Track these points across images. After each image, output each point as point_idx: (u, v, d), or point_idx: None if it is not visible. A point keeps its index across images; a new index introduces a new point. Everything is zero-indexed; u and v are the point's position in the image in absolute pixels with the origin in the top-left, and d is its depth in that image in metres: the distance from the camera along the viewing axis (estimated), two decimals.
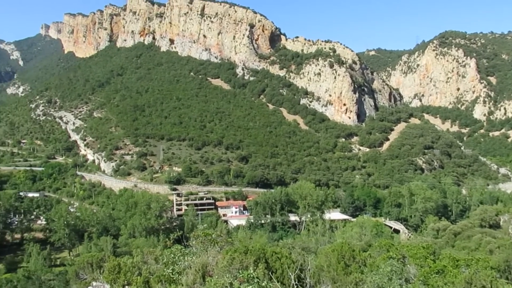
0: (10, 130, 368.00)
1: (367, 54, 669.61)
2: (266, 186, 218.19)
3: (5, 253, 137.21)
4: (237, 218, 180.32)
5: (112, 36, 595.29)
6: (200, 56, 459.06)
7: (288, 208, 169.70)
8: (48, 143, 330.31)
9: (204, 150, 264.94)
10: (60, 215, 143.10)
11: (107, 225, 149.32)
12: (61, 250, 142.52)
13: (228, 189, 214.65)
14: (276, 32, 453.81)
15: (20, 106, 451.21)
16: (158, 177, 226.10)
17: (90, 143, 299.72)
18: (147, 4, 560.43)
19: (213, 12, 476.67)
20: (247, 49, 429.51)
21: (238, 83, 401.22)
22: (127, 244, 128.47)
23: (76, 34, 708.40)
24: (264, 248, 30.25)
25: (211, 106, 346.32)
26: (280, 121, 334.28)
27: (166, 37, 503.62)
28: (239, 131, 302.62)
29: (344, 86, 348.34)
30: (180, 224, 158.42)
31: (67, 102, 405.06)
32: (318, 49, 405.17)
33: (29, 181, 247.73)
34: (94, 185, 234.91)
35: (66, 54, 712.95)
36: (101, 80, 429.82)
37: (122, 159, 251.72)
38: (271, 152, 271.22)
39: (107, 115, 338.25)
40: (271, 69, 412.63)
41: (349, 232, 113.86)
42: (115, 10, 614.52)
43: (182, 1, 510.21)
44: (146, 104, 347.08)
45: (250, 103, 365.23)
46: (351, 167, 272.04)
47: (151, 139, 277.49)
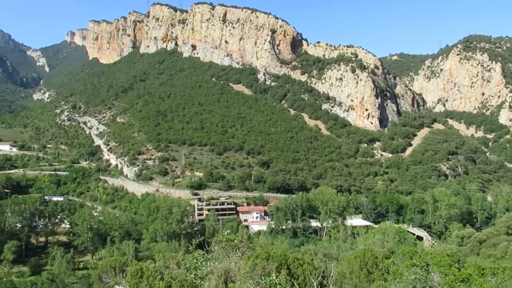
0: (36, 135, 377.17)
1: (390, 59, 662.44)
2: (287, 192, 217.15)
3: (30, 256, 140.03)
4: (258, 223, 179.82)
5: (136, 42, 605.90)
6: (222, 62, 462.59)
7: (309, 213, 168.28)
8: (73, 148, 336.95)
9: (225, 155, 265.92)
10: (84, 219, 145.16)
11: (129, 229, 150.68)
12: (84, 253, 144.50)
13: (249, 194, 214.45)
14: (297, 37, 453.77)
15: (46, 112, 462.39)
16: (179, 182, 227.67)
17: (113, 148, 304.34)
18: (170, 11, 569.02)
19: (235, 18, 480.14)
20: (268, 55, 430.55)
21: (260, 89, 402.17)
22: (149, 249, 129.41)
23: (100, 41, 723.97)
24: (286, 254, 29.96)
25: (232, 111, 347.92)
26: (302, 126, 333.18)
27: (188, 43, 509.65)
28: (260, 136, 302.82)
29: (366, 91, 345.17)
30: (201, 229, 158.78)
31: (91, 108, 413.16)
32: (340, 54, 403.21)
33: (54, 185, 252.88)
34: (117, 190, 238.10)
35: (90, 60, 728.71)
36: (125, 86, 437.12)
37: (144, 164, 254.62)
38: (292, 157, 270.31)
39: (130, 120, 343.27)
40: (293, 74, 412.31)
41: (371, 238, 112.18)
42: (139, 17, 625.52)
43: (205, 7, 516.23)
44: (168, 109, 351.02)
45: (272, 108, 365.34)
46: (373, 173, 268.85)
47: (173, 144, 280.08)
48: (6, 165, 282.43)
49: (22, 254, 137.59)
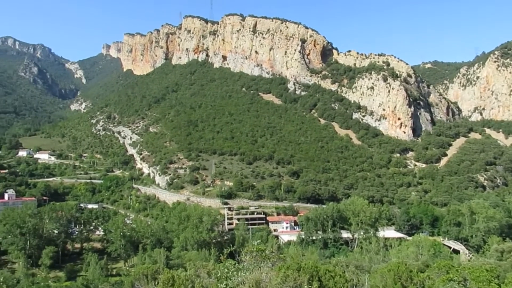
0: (73, 144, 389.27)
1: (423, 67, 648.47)
2: (317, 202, 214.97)
3: (66, 261, 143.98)
4: (288, 233, 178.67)
5: (168, 54, 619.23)
6: (252, 72, 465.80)
7: (340, 224, 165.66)
8: (107, 157, 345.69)
9: (255, 165, 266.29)
10: (117, 226, 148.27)
11: (161, 237, 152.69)
12: (117, 260, 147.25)
13: (279, 204, 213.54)
14: (327, 47, 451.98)
15: (82, 122, 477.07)
16: (210, 191, 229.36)
17: (145, 157, 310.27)
18: (201, 23, 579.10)
19: (265, 29, 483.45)
20: (298, 64, 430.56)
21: (290, 98, 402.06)
22: (180, 257, 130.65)
23: (134, 53, 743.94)
24: (317, 266, 29.60)
25: (262, 121, 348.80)
26: (332, 136, 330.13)
27: (219, 54, 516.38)
28: (290, 146, 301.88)
29: (398, 100, 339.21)
30: (231, 238, 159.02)
31: (125, 118, 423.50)
32: (371, 62, 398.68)
33: (89, 193, 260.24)
34: (149, 198, 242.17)
35: (125, 72, 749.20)
36: (157, 96, 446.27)
37: (175, 173, 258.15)
38: (322, 167, 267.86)
39: (162, 130, 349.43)
40: (323, 83, 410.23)
41: (404, 251, 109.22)
42: (171, 29, 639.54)
43: (235, 18, 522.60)
44: (199, 119, 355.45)
45: (302, 118, 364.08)
46: (406, 184, 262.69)
47: (204, 154, 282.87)
48: (45, 173, 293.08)
49: (58, 260, 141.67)
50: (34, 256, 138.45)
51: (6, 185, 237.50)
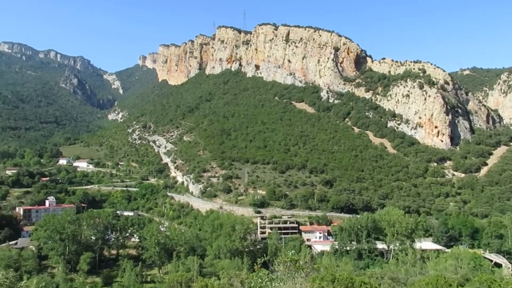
0: (110, 153, 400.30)
1: (461, 73, 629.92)
2: (351, 211, 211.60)
3: (103, 267, 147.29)
4: (321, 243, 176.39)
5: (202, 64, 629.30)
6: (284, 81, 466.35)
7: (375, 235, 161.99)
8: (143, 165, 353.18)
9: (288, 174, 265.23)
10: (152, 233, 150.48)
11: (194, 245, 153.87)
12: (152, 267, 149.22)
13: (312, 214, 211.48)
14: (361, 54, 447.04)
15: (119, 131, 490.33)
16: (242, 200, 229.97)
17: (179, 165, 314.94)
18: (234, 33, 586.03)
19: (297, 37, 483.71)
20: (331, 72, 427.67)
21: (323, 107, 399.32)
22: (213, 265, 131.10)
23: (169, 63, 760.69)
24: (352, 277, 28.99)
25: (295, 130, 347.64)
26: (366, 145, 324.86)
27: (252, 63, 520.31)
28: (323, 155, 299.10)
29: (435, 107, 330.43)
30: (263, 248, 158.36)
31: (160, 127, 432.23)
32: (406, 70, 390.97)
33: (125, 200, 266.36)
34: (183, 206, 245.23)
35: (160, 82, 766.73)
36: (191, 106, 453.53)
37: (209, 181, 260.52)
38: (356, 176, 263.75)
39: (196, 139, 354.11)
40: (357, 91, 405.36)
41: (442, 263, 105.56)
42: (205, 40, 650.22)
43: (268, 28, 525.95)
44: (232, 128, 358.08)
45: (335, 126, 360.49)
46: (444, 194, 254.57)
47: (237, 162, 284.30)
48: (83, 181, 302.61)
49: (95, 265, 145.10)
50: (72, 261, 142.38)
51: (47, 192, 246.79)
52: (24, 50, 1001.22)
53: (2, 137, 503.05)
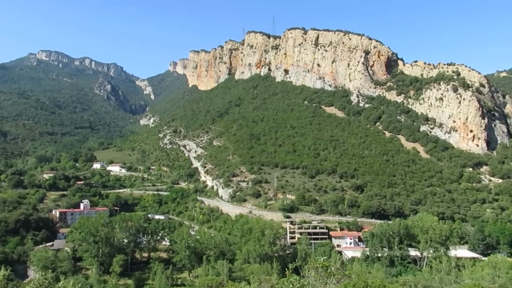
0: (142, 158, 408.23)
1: (497, 76, 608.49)
2: (382, 217, 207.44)
3: (134, 270, 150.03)
4: (351, 249, 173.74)
5: (231, 69, 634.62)
6: (314, 85, 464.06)
7: (407, 241, 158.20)
8: (173, 169, 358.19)
9: (317, 178, 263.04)
10: (182, 237, 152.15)
11: (224, 249, 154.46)
12: (182, 270, 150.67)
13: (342, 219, 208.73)
14: (392, 57, 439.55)
15: (151, 136, 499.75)
16: (272, 204, 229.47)
17: (209, 170, 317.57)
18: (263, 38, 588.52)
19: (327, 41, 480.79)
20: (362, 76, 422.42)
21: (353, 111, 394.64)
22: (242, 269, 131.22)
23: (199, 69, 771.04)
24: (385, 285, 28.34)
25: (325, 134, 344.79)
26: (398, 149, 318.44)
27: (281, 67, 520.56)
28: (353, 159, 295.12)
29: (470, 111, 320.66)
30: (293, 253, 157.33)
31: (190, 132, 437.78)
32: (439, 72, 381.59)
33: (156, 204, 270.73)
34: (213, 210, 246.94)
35: (190, 88, 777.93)
36: (221, 111, 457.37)
37: (238, 186, 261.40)
38: (388, 181, 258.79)
39: (225, 144, 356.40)
40: (388, 95, 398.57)
41: (479, 272, 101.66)
42: (234, 45, 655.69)
43: (297, 32, 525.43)
44: (262, 132, 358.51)
45: (366, 131, 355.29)
46: (480, 200, 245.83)
47: (266, 167, 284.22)
48: (116, 185, 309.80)
49: (127, 268, 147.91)
50: (105, 263, 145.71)
51: (82, 196, 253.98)
52: (60, 58, 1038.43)
53: (40, 142, 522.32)
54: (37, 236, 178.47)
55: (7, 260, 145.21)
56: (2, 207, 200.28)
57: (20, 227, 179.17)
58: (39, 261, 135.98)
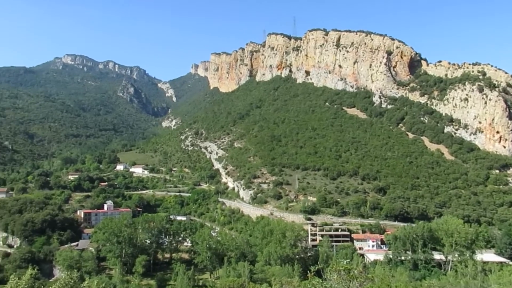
0: (164, 159, 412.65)
1: None
2: (406, 220, 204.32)
3: (156, 270, 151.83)
4: (374, 252, 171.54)
5: (252, 71, 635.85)
6: (335, 86, 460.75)
7: (431, 245, 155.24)
8: (195, 171, 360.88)
9: (339, 180, 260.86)
10: (203, 238, 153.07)
11: (245, 251, 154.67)
12: (203, 271, 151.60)
13: (364, 221, 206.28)
14: (416, 58, 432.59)
15: (172, 138, 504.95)
16: (293, 206, 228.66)
17: (230, 171, 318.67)
18: (284, 39, 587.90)
19: (348, 42, 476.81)
20: (384, 77, 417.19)
21: (375, 112, 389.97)
22: (263, 271, 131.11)
23: (220, 71, 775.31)
24: None
25: (346, 136, 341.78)
26: (422, 151, 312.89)
27: (302, 69, 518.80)
28: (376, 161, 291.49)
29: (496, 111, 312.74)
30: (314, 255, 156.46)
31: (211, 134, 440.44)
32: (464, 73, 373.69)
33: (178, 205, 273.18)
34: (234, 212, 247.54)
35: (211, 90, 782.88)
36: (242, 113, 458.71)
37: (259, 188, 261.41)
38: (411, 183, 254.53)
39: (246, 145, 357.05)
40: (411, 96, 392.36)
41: (506, 277, 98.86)
42: (255, 47, 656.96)
43: (318, 33, 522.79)
44: (283, 134, 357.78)
45: (388, 132, 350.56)
46: (507, 203, 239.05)
47: (287, 169, 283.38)
48: (139, 186, 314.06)
49: (150, 268, 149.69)
50: (128, 263, 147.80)
51: (106, 197, 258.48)
52: (85, 61, 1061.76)
53: (66, 144, 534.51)
54: (62, 236, 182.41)
55: (34, 259, 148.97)
56: (29, 207, 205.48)
57: (47, 227, 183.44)
58: (64, 261, 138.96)
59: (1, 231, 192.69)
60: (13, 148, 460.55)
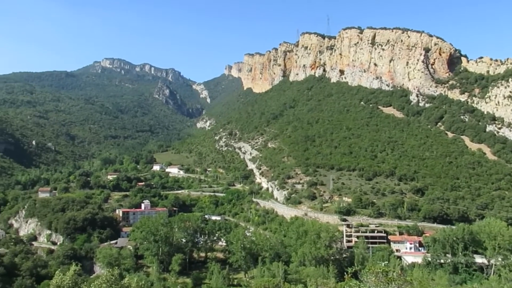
0: (199, 160, 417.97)
1: None
2: (445, 222, 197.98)
3: (192, 269, 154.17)
4: (411, 254, 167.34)
5: (285, 71, 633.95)
6: (370, 85, 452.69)
7: (473, 248, 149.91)
8: (229, 171, 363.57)
9: (375, 181, 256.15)
10: (238, 238, 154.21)
11: (279, 251, 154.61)
12: (238, 271, 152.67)
13: (401, 223, 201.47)
14: (455, 54, 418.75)
15: (207, 138, 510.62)
16: (327, 207, 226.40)
17: (264, 172, 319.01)
18: (318, 39, 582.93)
19: (384, 40, 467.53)
20: (421, 75, 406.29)
21: (412, 111, 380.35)
22: (298, 272, 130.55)
23: (253, 72, 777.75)
24: None
25: (382, 135, 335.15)
26: (462, 151, 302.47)
27: (336, 68, 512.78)
28: (413, 161, 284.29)
29: None
30: (349, 256, 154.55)
31: (245, 134, 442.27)
32: (508, 69, 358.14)
33: (213, 205, 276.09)
34: (268, 212, 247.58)
35: (245, 91, 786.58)
36: (275, 113, 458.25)
37: (293, 188, 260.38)
38: (451, 184, 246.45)
39: (280, 146, 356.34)
40: (450, 94, 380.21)
41: None
42: (288, 47, 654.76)
43: (353, 31, 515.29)
44: (317, 134, 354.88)
45: (426, 132, 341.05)
46: None
47: (321, 169, 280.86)
48: (174, 186, 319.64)
49: (186, 267, 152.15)
50: (165, 262, 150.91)
51: (143, 196, 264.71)
52: (122, 65, 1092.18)
53: (105, 145, 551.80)
54: (102, 234, 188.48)
55: (76, 256, 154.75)
56: (71, 206, 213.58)
57: (87, 225, 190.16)
58: (104, 258, 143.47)
59: (46, 228, 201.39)
60: (56, 149, 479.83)
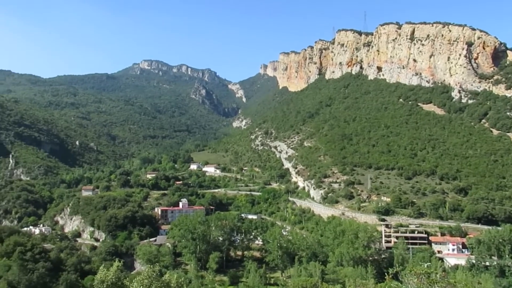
0: (235, 159, 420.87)
1: None
2: (490, 223, 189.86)
3: (229, 267, 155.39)
4: (454, 256, 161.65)
5: (321, 69, 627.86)
6: (409, 82, 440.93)
7: None
8: (265, 170, 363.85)
9: (415, 180, 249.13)
10: (274, 237, 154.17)
11: (316, 250, 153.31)
12: (274, 270, 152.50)
13: (443, 224, 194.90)
14: (500, 48, 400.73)
15: (243, 138, 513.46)
16: (365, 207, 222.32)
17: (300, 170, 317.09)
18: (354, 35, 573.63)
19: (423, 35, 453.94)
20: (464, 70, 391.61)
21: (454, 107, 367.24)
22: (335, 272, 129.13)
23: (289, 70, 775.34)
24: None
25: (422, 133, 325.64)
26: (508, 148, 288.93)
27: (373, 65, 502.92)
28: (455, 160, 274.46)
29: None
30: (388, 257, 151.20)
31: (281, 133, 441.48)
32: None
33: (249, 204, 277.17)
34: (304, 211, 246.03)
35: (280, 89, 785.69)
36: (311, 111, 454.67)
37: (330, 187, 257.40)
38: (496, 183, 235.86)
39: (316, 144, 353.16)
40: (495, 89, 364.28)
41: None
42: (324, 45, 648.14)
43: (390, 27, 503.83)
44: (354, 132, 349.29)
45: (469, 129, 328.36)
46: None
47: (359, 168, 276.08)
48: (211, 185, 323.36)
49: (223, 265, 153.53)
50: (202, 259, 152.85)
51: (181, 195, 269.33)
52: (160, 66, 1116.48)
53: (144, 145, 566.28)
54: (142, 232, 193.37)
55: (117, 253, 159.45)
56: (112, 204, 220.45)
57: (128, 223, 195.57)
58: (144, 255, 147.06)
59: (89, 225, 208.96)
60: (98, 149, 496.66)
